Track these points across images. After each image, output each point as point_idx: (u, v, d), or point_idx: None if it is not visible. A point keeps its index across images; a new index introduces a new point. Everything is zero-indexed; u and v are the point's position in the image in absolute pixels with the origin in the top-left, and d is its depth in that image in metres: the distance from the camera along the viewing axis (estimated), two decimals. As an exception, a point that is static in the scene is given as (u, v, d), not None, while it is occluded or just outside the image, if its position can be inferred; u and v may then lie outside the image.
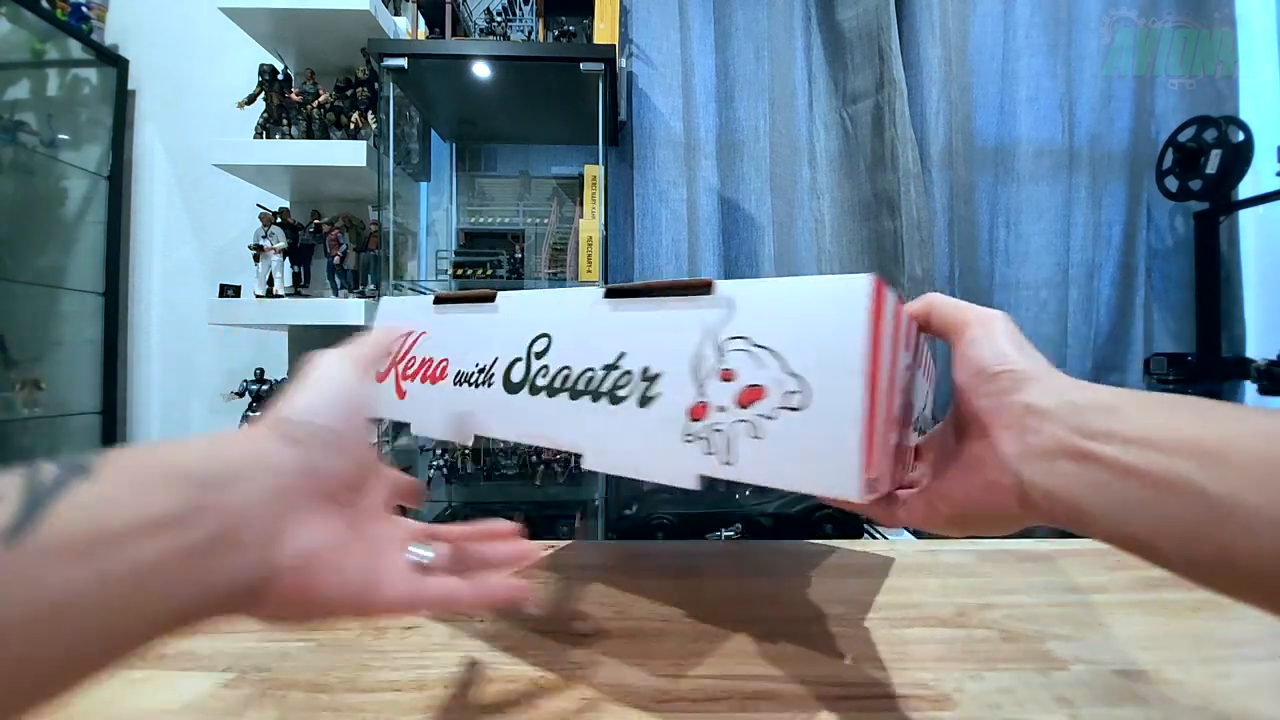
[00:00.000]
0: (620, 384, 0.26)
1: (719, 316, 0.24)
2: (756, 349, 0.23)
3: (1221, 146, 1.31)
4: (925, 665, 0.32)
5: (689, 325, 0.25)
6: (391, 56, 1.20)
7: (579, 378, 0.28)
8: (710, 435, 0.23)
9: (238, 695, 0.30)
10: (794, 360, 0.22)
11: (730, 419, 0.23)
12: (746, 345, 0.23)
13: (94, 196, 1.51)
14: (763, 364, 0.23)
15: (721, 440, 0.23)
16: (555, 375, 0.29)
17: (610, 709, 0.29)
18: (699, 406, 0.24)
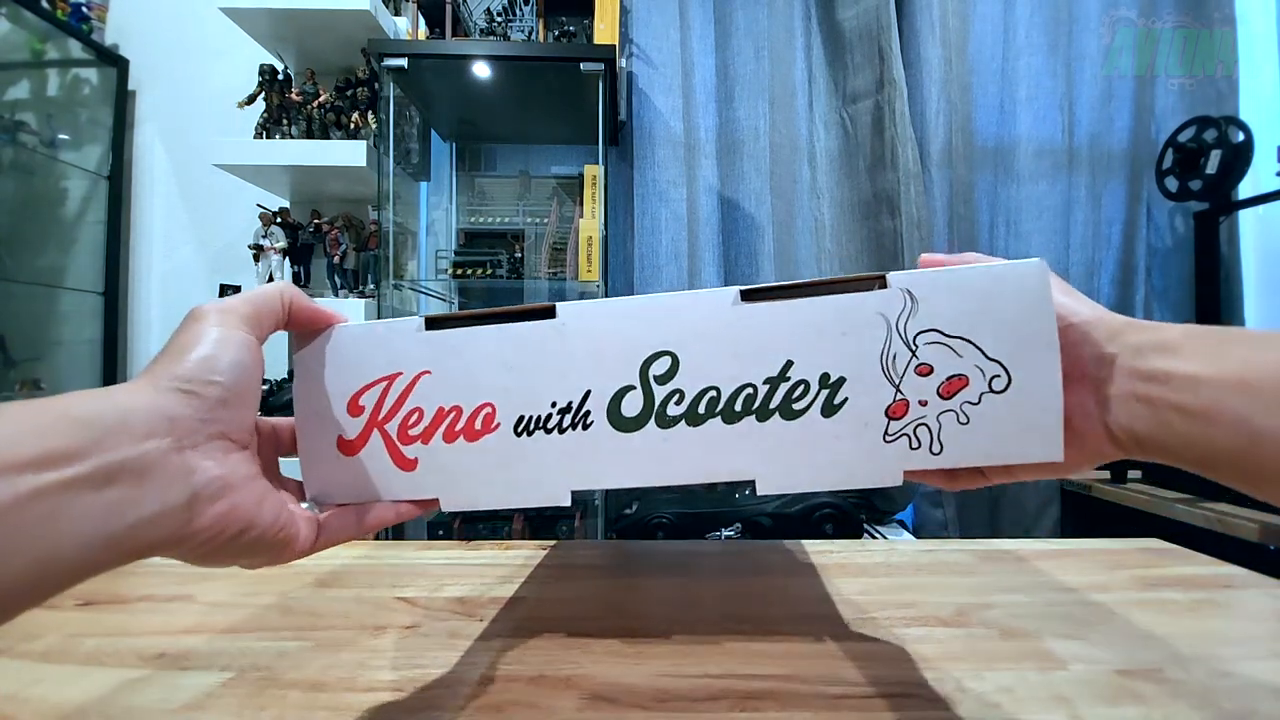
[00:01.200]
0: (794, 396, 0.24)
1: (902, 309, 0.24)
2: (951, 339, 0.24)
3: (1221, 146, 1.31)
4: (925, 665, 0.32)
5: (872, 323, 0.24)
6: (391, 56, 1.20)
7: (733, 397, 0.25)
8: (913, 430, 0.24)
9: (238, 695, 0.30)
10: (990, 346, 0.24)
11: (935, 411, 0.24)
12: (939, 337, 0.24)
13: (94, 196, 1.51)
14: (959, 354, 0.24)
15: (926, 433, 0.24)
16: (696, 400, 0.25)
17: (610, 709, 0.29)
18: (899, 404, 0.24)
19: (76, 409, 0.18)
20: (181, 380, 0.21)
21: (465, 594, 0.43)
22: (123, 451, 0.18)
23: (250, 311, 0.23)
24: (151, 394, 0.20)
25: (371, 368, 0.26)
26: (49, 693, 0.30)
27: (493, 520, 1.37)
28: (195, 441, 0.20)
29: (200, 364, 0.21)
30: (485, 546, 0.54)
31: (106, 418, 0.18)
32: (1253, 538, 0.91)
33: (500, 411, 0.26)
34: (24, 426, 0.16)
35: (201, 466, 0.20)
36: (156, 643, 0.35)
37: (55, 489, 0.16)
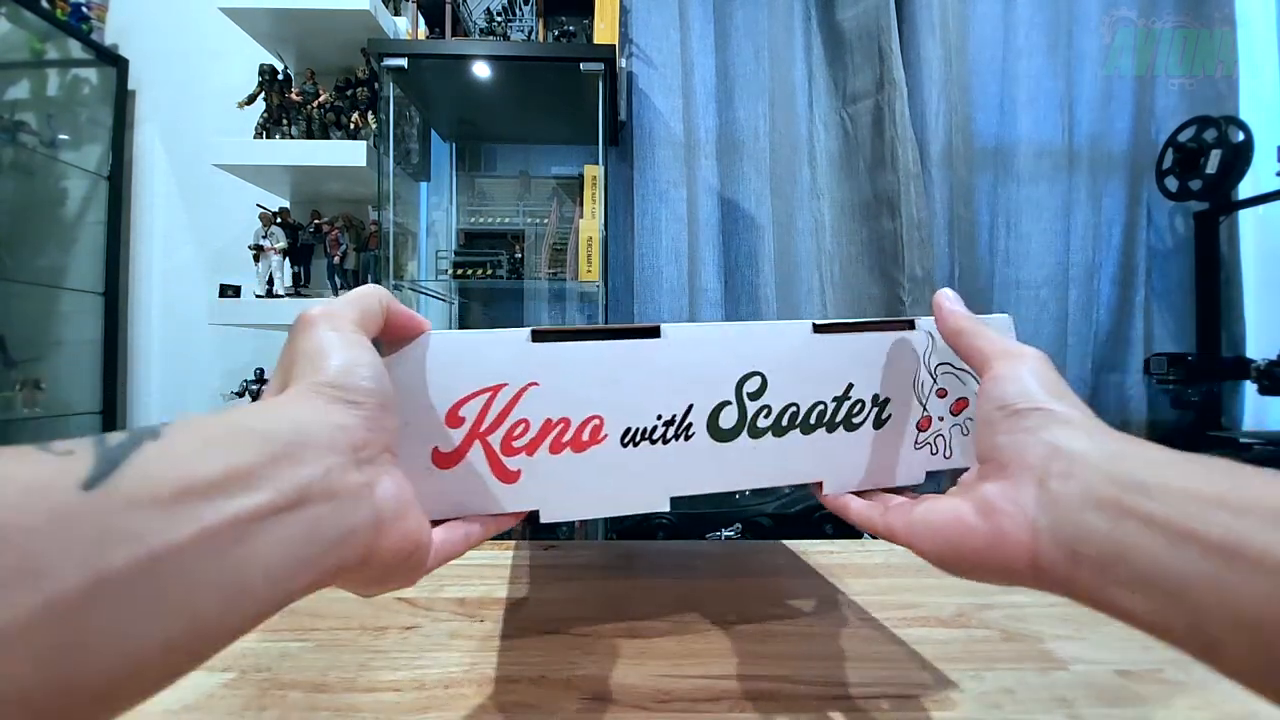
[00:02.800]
0: (854, 412, 0.29)
1: (926, 346, 0.30)
2: (958, 371, 0.30)
3: (1221, 146, 1.31)
4: (925, 665, 0.32)
5: (907, 355, 0.30)
6: (391, 56, 1.20)
7: (809, 412, 0.29)
8: (934, 440, 0.31)
9: (238, 695, 0.30)
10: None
11: (948, 425, 0.31)
12: (951, 369, 0.30)
13: (94, 196, 1.51)
14: (964, 382, 0.31)
15: (942, 442, 0.31)
16: (780, 414, 0.29)
17: (610, 709, 0.29)
18: (925, 419, 0.30)
19: (253, 423, 0.16)
20: (339, 389, 0.19)
21: (465, 594, 0.43)
22: (310, 468, 0.16)
23: (357, 315, 0.22)
24: (319, 404, 0.18)
25: (473, 378, 0.26)
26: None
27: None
28: (370, 455, 0.18)
29: (344, 372, 0.19)
30: (485, 546, 0.54)
31: (286, 432, 0.16)
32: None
33: (608, 423, 0.27)
34: (199, 438, 0.15)
35: (380, 483, 0.19)
36: (157, 643, 0.35)
37: (248, 515, 0.14)
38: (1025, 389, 0.21)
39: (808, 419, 0.29)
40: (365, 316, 0.22)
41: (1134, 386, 1.49)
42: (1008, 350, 0.23)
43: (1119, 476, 0.17)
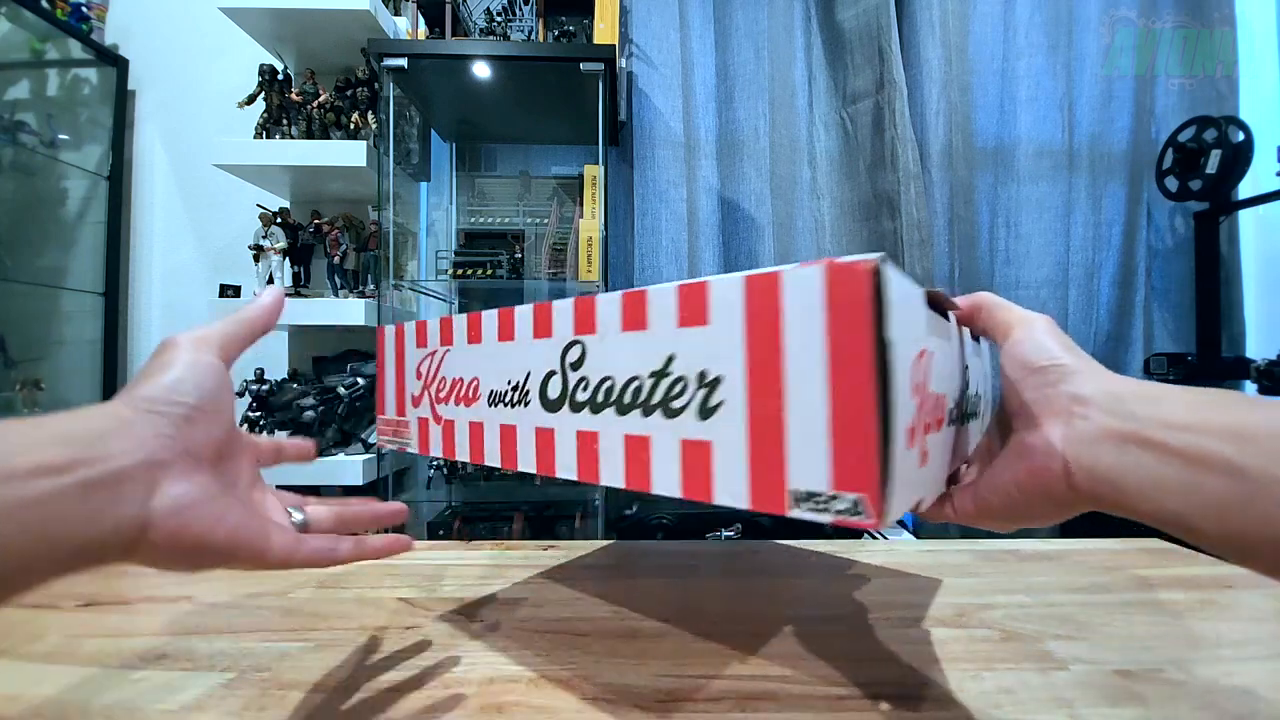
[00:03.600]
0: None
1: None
2: None
3: (1221, 146, 1.31)
4: (925, 665, 0.32)
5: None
6: (391, 56, 1.20)
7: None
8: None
9: (238, 695, 0.30)
10: None
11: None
12: None
13: (94, 196, 1.51)
14: None
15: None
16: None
17: (610, 709, 0.29)
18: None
19: (62, 427, 0.20)
20: (150, 401, 0.23)
21: (465, 594, 0.43)
22: (100, 466, 0.20)
23: (217, 339, 0.26)
24: (125, 413, 0.22)
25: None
26: (51, 693, 0.30)
27: (492, 520, 1.37)
28: (164, 458, 0.22)
29: (167, 388, 0.23)
30: (485, 546, 0.54)
31: (87, 434, 0.20)
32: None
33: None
34: (21, 442, 0.19)
35: (164, 483, 0.22)
36: (158, 643, 0.35)
37: (49, 496, 0.18)
38: (1043, 347, 0.25)
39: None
40: (228, 340, 0.27)
41: (1134, 386, 1.49)
42: (1024, 317, 0.27)
43: (1119, 412, 0.21)
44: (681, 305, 0.23)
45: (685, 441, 0.22)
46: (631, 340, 0.24)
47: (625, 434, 0.24)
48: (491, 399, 0.31)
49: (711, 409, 0.22)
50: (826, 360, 0.19)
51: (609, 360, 0.25)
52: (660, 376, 0.23)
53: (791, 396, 0.20)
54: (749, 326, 0.21)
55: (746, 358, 0.21)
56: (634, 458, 0.24)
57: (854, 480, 0.18)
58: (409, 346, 0.37)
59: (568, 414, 0.27)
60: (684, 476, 0.22)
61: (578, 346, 0.27)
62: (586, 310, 0.26)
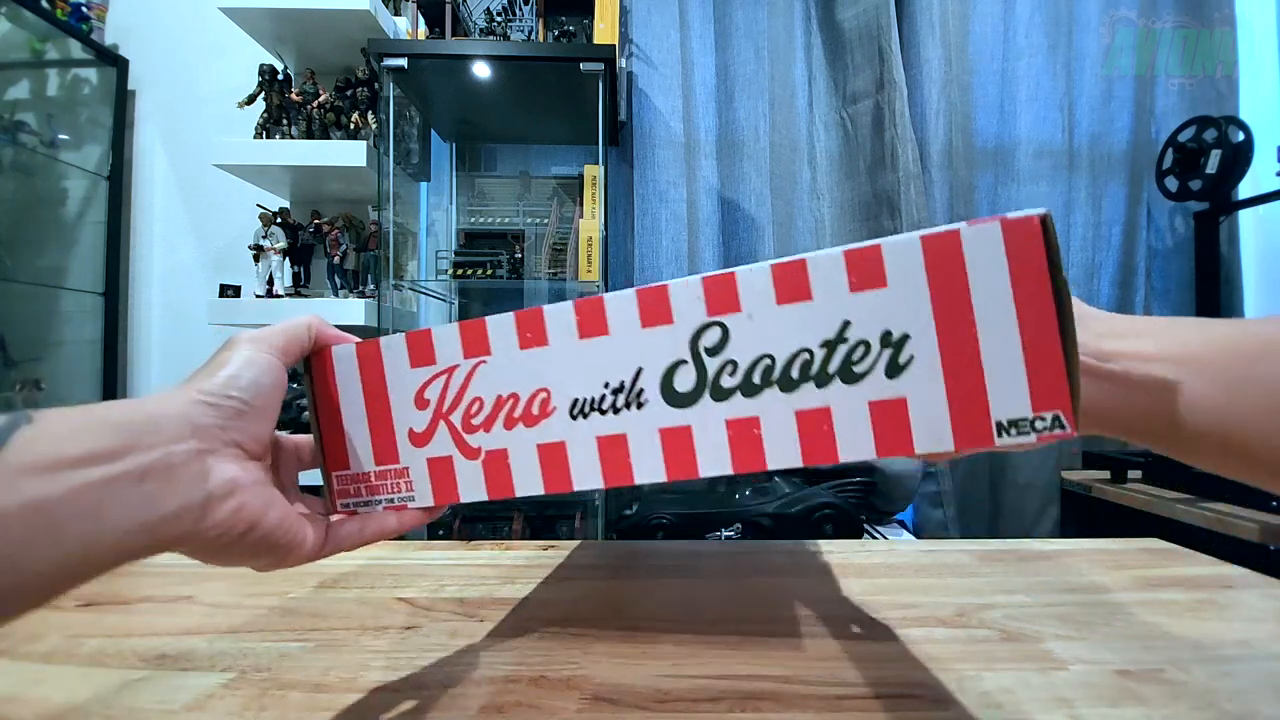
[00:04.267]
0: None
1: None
2: None
3: (1221, 146, 1.31)
4: (925, 665, 0.32)
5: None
6: (391, 56, 1.20)
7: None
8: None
9: (238, 695, 0.30)
10: None
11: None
12: None
13: (94, 196, 1.51)
14: None
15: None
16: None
17: (610, 709, 0.29)
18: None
19: (115, 414, 0.20)
20: (205, 393, 0.23)
21: (465, 594, 0.43)
22: (154, 453, 0.20)
23: (281, 341, 0.26)
24: (180, 403, 0.22)
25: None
26: (51, 693, 0.30)
27: (492, 520, 1.37)
28: (214, 447, 0.23)
29: (224, 381, 0.24)
30: (485, 546, 0.54)
31: (141, 422, 0.21)
32: (1253, 538, 0.91)
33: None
34: (72, 427, 0.19)
35: (217, 469, 0.22)
36: (158, 643, 0.35)
37: (100, 483, 0.19)
38: None
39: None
40: (288, 340, 0.27)
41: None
42: None
43: (1100, 352, 0.24)
44: (851, 271, 0.23)
45: (874, 403, 0.23)
46: (792, 313, 0.23)
47: (796, 410, 0.23)
48: (577, 409, 0.26)
49: (901, 366, 0.22)
50: (1013, 303, 0.21)
51: (764, 338, 0.24)
52: (836, 344, 0.23)
53: (985, 340, 0.21)
54: (933, 283, 0.22)
55: (934, 312, 0.22)
56: (812, 432, 0.23)
57: (1052, 400, 0.21)
58: (394, 368, 0.28)
59: (710, 405, 0.24)
60: (877, 436, 0.23)
61: (715, 329, 0.24)
62: (724, 287, 0.24)
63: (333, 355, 0.29)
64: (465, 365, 0.28)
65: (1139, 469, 1.22)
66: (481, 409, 0.27)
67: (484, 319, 0.27)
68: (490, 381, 0.27)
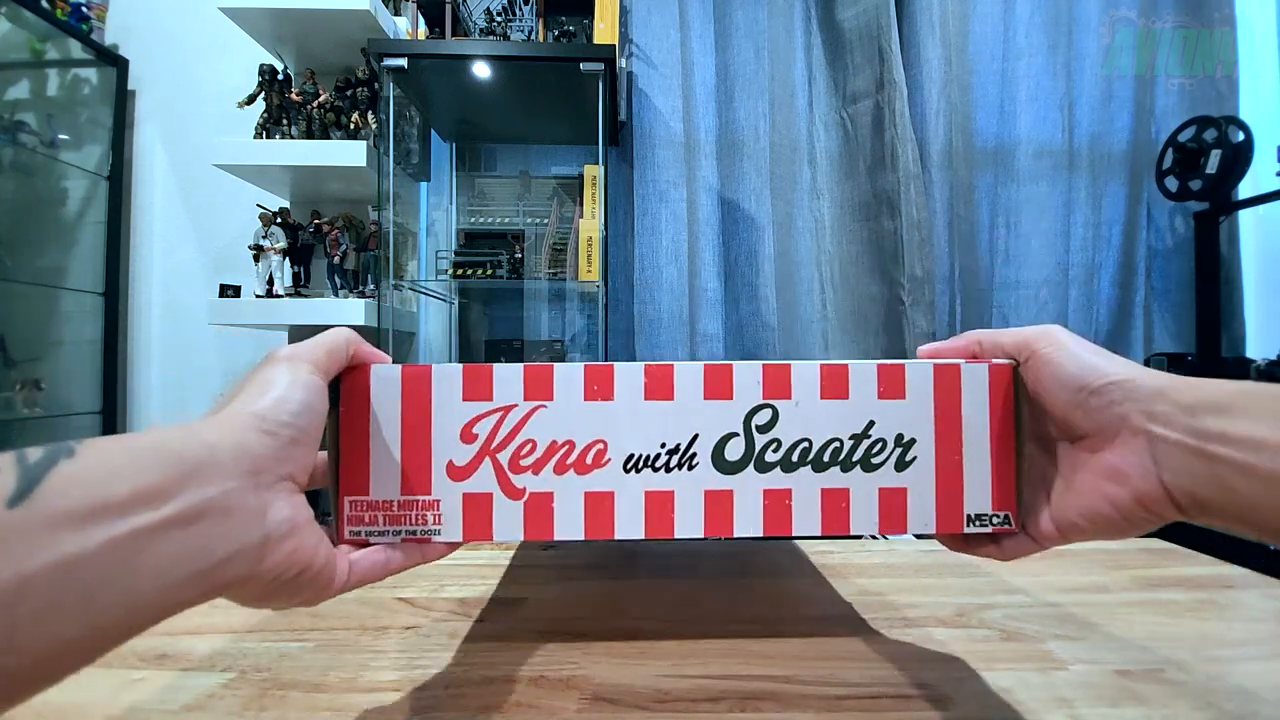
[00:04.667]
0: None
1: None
2: None
3: (1221, 146, 1.31)
4: (925, 665, 0.32)
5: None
6: (391, 56, 1.20)
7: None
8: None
9: (238, 695, 0.30)
10: None
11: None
12: None
13: (94, 196, 1.51)
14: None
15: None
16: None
17: (610, 709, 0.29)
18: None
19: (168, 444, 0.18)
20: (260, 419, 0.21)
21: (465, 594, 0.43)
22: (210, 489, 0.18)
23: (322, 357, 0.24)
24: (236, 431, 0.20)
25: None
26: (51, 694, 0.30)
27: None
28: (269, 481, 0.21)
29: (276, 404, 0.22)
30: (485, 546, 0.54)
31: (195, 454, 0.18)
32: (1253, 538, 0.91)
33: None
34: (117, 461, 0.17)
35: (275, 506, 0.21)
36: (158, 644, 0.35)
37: (146, 531, 0.16)
38: (1088, 364, 0.25)
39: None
40: (330, 358, 0.25)
41: (1134, 386, 1.49)
42: (1038, 333, 0.27)
43: (1197, 431, 0.21)
44: (881, 381, 0.28)
45: (883, 489, 0.28)
46: (832, 407, 0.28)
47: (822, 488, 0.28)
48: (631, 464, 0.28)
49: (907, 462, 0.28)
50: (989, 423, 0.28)
51: (806, 424, 0.28)
52: (861, 438, 0.28)
53: (968, 449, 0.28)
54: (937, 400, 0.28)
55: (935, 422, 0.28)
56: (832, 507, 0.28)
57: (1005, 502, 0.28)
58: (443, 398, 0.28)
59: (752, 474, 0.28)
60: (881, 516, 0.28)
61: (768, 410, 0.28)
62: (779, 377, 0.28)
63: (372, 375, 0.28)
64: (524, 407, 0.28)
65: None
66: (534, 451, 0.28)
67: (551, 364, 0.28)
68: (547, 426, 0.28)
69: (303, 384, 0.23)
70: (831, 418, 0.28)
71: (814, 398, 0.28)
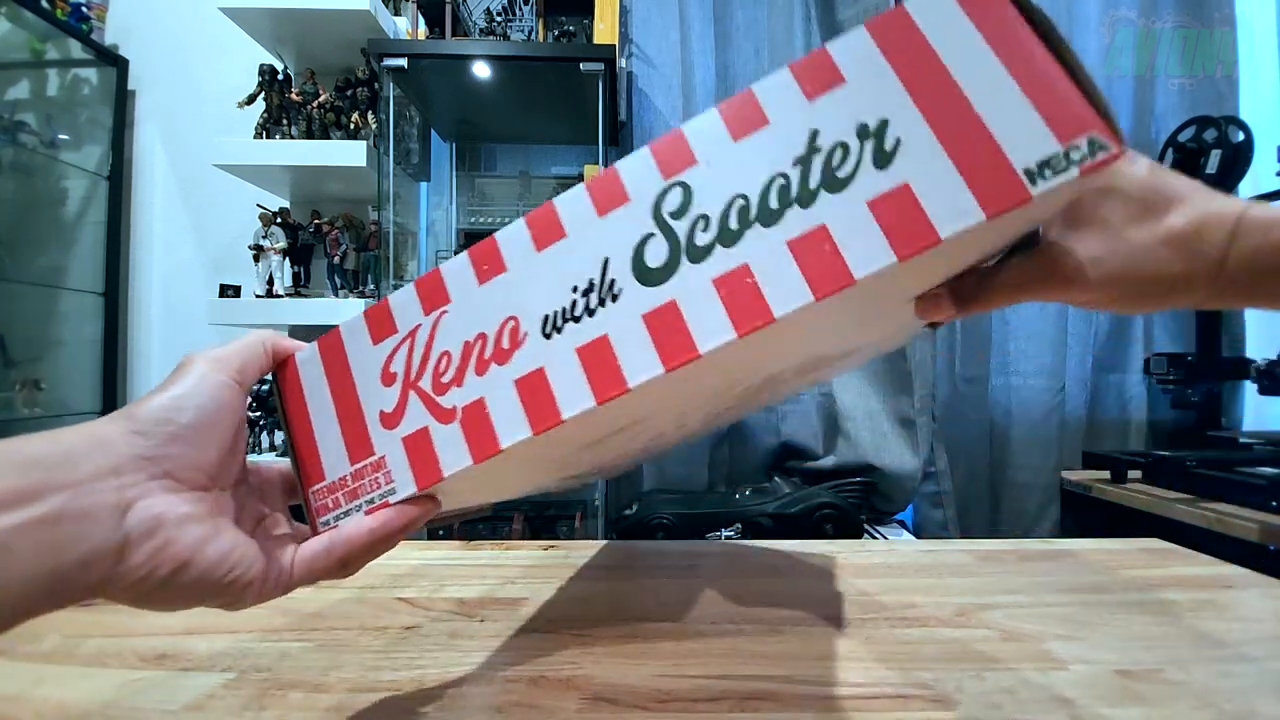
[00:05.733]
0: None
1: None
2: None
3: (1221, 146, 1.31)
4: (925, 665, 0.32)
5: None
6: (391, 56, 1.20)
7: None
8: None
9: (238, 695, 0.30)
10: None
11: None
12: None
13: (94, 196, 1.51)
14: None
15: None
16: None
17: (610, 709, 0.29)
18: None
19: (28, 451, 0.19)
20: (130, 418, 0.21)
21: (465, 594, 0.43)
22: (65, 494, 0.18)
23: (239, 362, 0.25)
24: (106, 434, 0.21)
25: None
26: (51, 693, 0.30)
27: (493, 520, 1.37)
28: (135, 480, 0.20)
29: (163, 406, 0.22)
30: (485, 546, 0.54)
31: (55, 459, 0.19)
32: (1253, 538, 0.91)
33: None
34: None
35: (139, 506, 0.20)
36: (158, 644, 0.35)
37: (8, 531, 0.17)
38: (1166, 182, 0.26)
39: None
40: (242, 357, 0.25)
41: (1134, 386, 1.49)
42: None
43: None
44: (802, 81, 0.22)
45: (874, 201, 0.20)
46: (753, 144, 0.22)
47: (788, 241, 0.21)
48: (549, 326, 0.23)
49: (890, 153, 0.20)
50: (989, 48, 0.20)
51: (730, 179, 0.22)
52: (810, 157, 0.21)
53: (976, 95, 0.20)
54: (896, 63, 0.21)
55: (908, 90, 0.20)
56: (813, 259, 0.21)
57: (1076, 124, 0.19)
58: (357, 351, 0.26)
59: (690, 270, 0.22)
60: (890, 235, 0.20)
61: (676, 189, 0.23)
62: (674, 146, 0.23)
63: (297, 362, 0.27)
64: (427, 322, 0.25)
65: (1139, 469, 1.22)
66: (450, 363, 0.25)
67: (438, 266, 0.25)
68: (455, 330, 0.25)
69: (194, 381, 0.23)
70: (760, 155, 0.22)
71: (726, 146, 0.22)
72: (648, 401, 0.24)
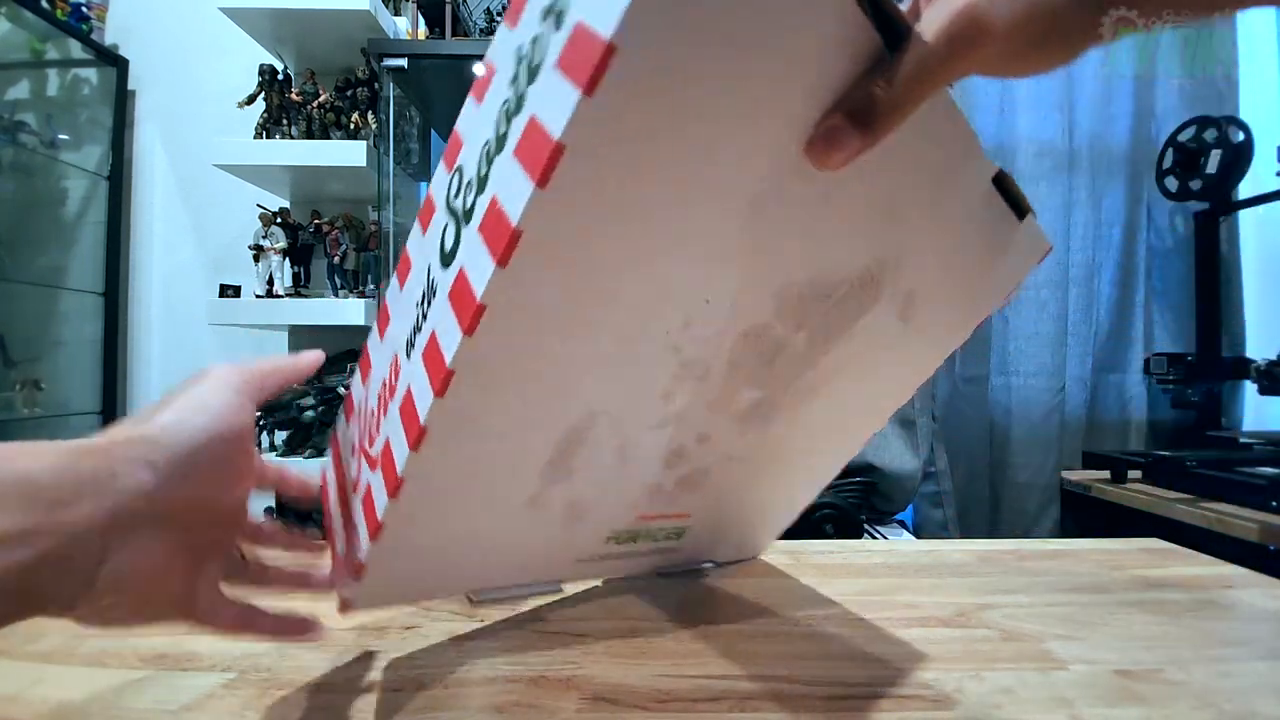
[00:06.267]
0: None
1: None
2: None
3: (1221, 146, 1.31)
4: (925, 665, 0.32)
5: None
6: (391, 56, 1.20)
7: None
8: None
9: (238, 695, 0.30)
10: None
11: None
12: None
13: (94, 196, 1.51)
14: None
15: None
16: None
17: (610, 709, 0.29)
18: None
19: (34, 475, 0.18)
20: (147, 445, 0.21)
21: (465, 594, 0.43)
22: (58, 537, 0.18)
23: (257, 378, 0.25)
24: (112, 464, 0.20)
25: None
26: (51, 693, 0.30)
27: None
28: (131, 523, 0.20)
29: (169, 429, 0.21)
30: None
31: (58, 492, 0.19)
32: (1252, 538, 0.91)
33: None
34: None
35: (115, 558, 0.20)
36: (158, 643, 0.35)
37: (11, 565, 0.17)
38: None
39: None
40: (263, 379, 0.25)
41: (1134, 386, 1.49)
42: None
43: None
44: (509, 18, 0.23)
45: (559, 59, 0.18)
46: (489, 94, 0.23)
47: (514, 152, 0.19)
48: (409, 348, 0.24)
49: (562, 11, 0.18)
50: None
51: (479, 135, 0.23)
52: (518, 71, 0.20)
53: None
54: None
55: None
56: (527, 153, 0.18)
57: None
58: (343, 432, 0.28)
59: (466, 234, 0.22)
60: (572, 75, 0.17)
61: (455, 175, 0.24)
62: (452, 141, 0.25)
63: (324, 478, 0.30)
64: (364, 390, 0.28)
65: (1139, 469, 1.22)
66: (373, 416, 0.26)
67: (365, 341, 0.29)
68: (374, 387, 0.27)
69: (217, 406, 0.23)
70: (494, 99, 0.22)
71: (474, 112, 0.23)
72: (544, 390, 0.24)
